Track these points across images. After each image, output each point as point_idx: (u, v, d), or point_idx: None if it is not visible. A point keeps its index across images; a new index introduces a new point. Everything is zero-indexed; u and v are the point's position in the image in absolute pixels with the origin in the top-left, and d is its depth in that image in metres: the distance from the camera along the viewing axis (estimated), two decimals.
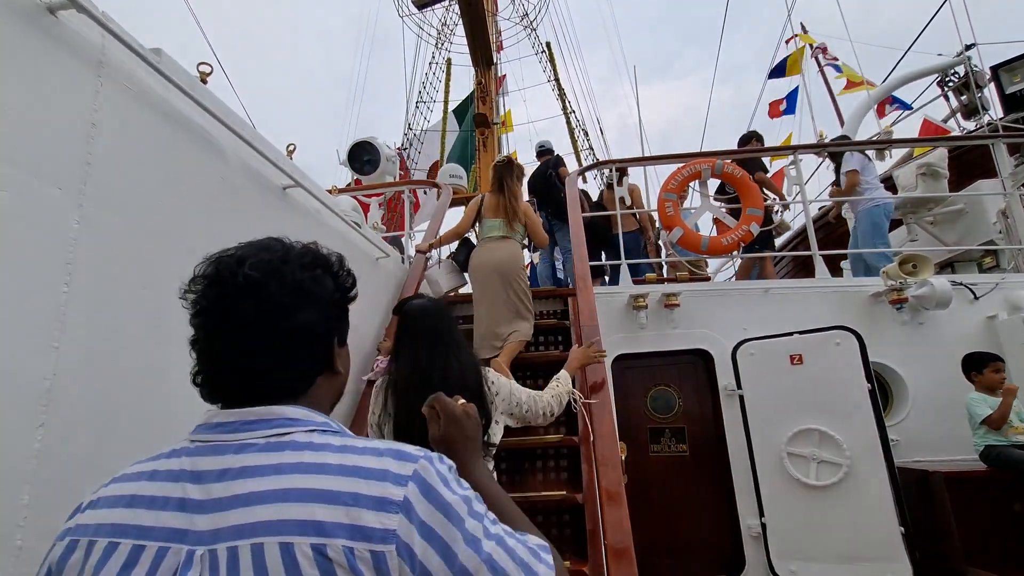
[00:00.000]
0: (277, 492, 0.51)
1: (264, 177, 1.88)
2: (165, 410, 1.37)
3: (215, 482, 0.54)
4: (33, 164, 1.08)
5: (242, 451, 0.56)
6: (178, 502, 0.54)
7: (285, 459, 0.54)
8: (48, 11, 1.15)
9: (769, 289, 3.82)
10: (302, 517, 0.49)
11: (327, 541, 0.48)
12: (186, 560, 0.51)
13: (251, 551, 0.49)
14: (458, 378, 1.43)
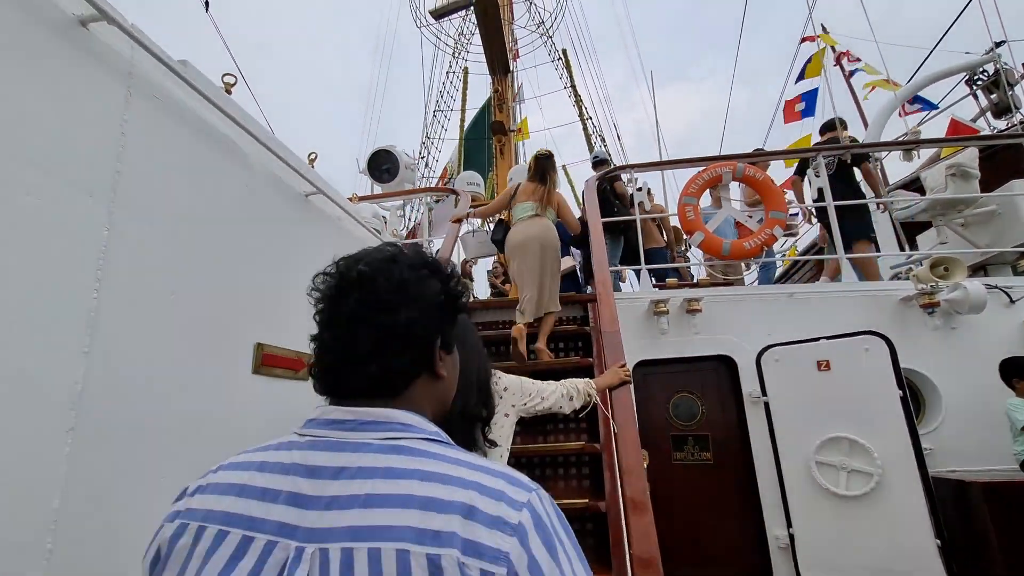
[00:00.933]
0: (397, 497, 0.51)
1: (286, 185, 1.90)
2: (193, 414, 1.39)
3: (331, 479, 0.53)
4: (65, 172, 1.10)
5: (359, 450, 0.55)
6: (289, 496, 0.54)
7: (401, 464, 0.54)
8: (80, 23, 1.18)
9: (794, 293, 3.73)
10: (420, 525, 0.49)
11: (442, 552, 0.47)
12: (295, 556, 0.50)
13: (368, 555, 0.48)
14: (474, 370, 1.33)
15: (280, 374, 1.75)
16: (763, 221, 3.82)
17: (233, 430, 1.53)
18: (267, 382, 1.69)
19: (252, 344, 1.64)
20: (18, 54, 1.04)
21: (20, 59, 1.04)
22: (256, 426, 1.64)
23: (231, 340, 1.56)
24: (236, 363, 1.58)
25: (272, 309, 1.76)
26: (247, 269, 1.65)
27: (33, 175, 1.04)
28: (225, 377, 1.52)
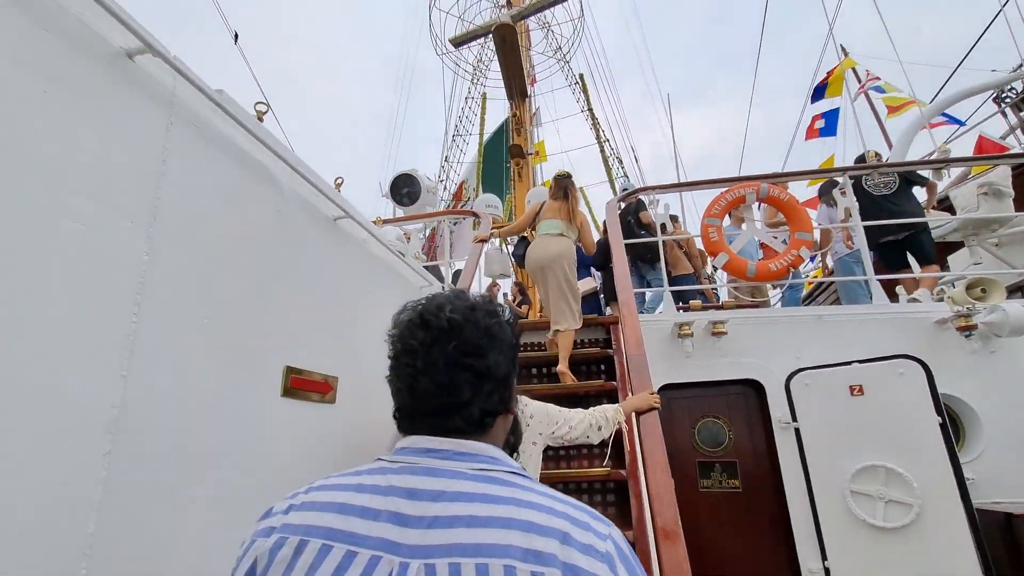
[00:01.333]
0: (499, 519, 0.55)
1: (316, 209, 1.93)
2: (223, 437, 1.39)
3: (431, 501, 0.58)
4: (108, 199, 1.13)
5: (455, 477, 0.60)
6: (390, 515, 0.58)
7: (497, 491, 0.59)
8: (127, 56, 1.22)
9: (822, 315, 3.65)
10: (525, 545, 0.53)
11: (545, 570, 0.52)
12: (400, 570, 0.54)
13: (475, 569, 0.52)
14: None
15: (308, 397, 1.75)
16: (788, 242, 3.76)
17: (261, 453, 1.53)
18: (295, 405, 1.69)
19: (282, 367, 1.64)
20: (68, 85, 1.08)
21: (70, 90, 1.08)
22: (285, 450, 1.63)
23: (261, 363, 1.57)
24: (266, 386, 1.58)
25: (301, 332, 1.77)
26: (277, 292, 1.67)
27: (78, 202, 1.06)
28: (255, 400, 1.53)
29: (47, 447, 0.96)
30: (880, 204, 3.88)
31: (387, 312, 2.33)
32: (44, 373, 0.97)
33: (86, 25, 1.13)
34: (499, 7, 13.36)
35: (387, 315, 2.33)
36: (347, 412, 1.99)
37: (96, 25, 1.15)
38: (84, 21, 1.12)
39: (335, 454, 1.92)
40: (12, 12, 0.98)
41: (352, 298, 2.15)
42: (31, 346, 0.95)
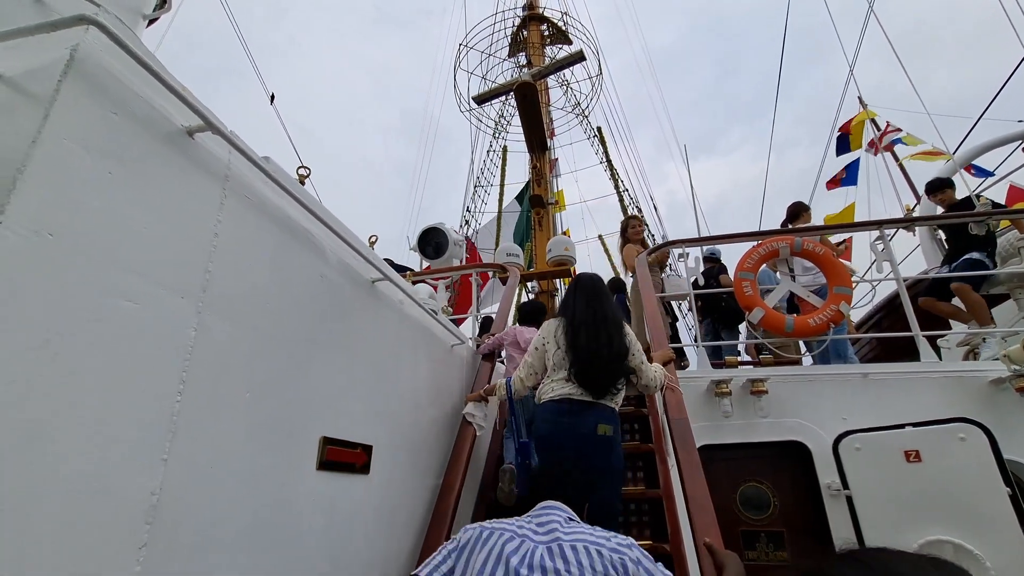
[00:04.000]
0: (580, 533, 1.21)
1: (356, 272, 1.92)
2: (258, 517, 1.32)
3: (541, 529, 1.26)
4: (162, 276, 1.12)
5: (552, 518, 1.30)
6: (528, 530, 1.25)
7: (571, 527, 1.26)
8: (187, 134, 1.24)
9: (868, 374, 3.47)
10: (594, 539, 1.18)
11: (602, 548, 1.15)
12: (534, 547, 1.17)
13: (571, 547, 1.15)
14: (613, 317, 2.37)
15: (343, 468, 1.68)
16: (827, 296, 3.65)
17: (293, 532, 1.45)
18: (330, 479, 1.62)
19: (317, 439, 1.58)
20: (132, 166, 1.09)
21: (132, 170, 1.09)
22: (316, 527, 1.55)
23: (298, 435, 1.52)
24: (302, 460, 1.52)
25: (337, 400, 1.72)
26: (316, 360, 1.63)
27: (133, 280, 1.05)
28: (290, 475, 1.46)
29: (83, 540, 0.91)
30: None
31: (419, 373, 2.28)
32: (86, 460, 0.92)
33: (152, 106, 1.15)
34: (520, 67, 13.96)
35: (419, 376, 2.28)
36: (380, 483, 1.91)
37: (160, 105, 1.18)
38: (151, 103, 1.15)
39: (367, 529, 1.82)
40: (90, 101, 1.00)
41: (387, 361, 2.11)
42: (75, 431, 0.91)
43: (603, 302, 2.41)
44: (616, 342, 2.27)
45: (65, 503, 0.88)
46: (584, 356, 2.23)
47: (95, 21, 0.99)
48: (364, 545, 1.78)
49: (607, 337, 2.27)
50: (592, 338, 2.26)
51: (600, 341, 2.25)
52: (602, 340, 2.26)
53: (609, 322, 2.33)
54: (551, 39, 14.96)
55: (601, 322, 2.31)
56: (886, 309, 5.89)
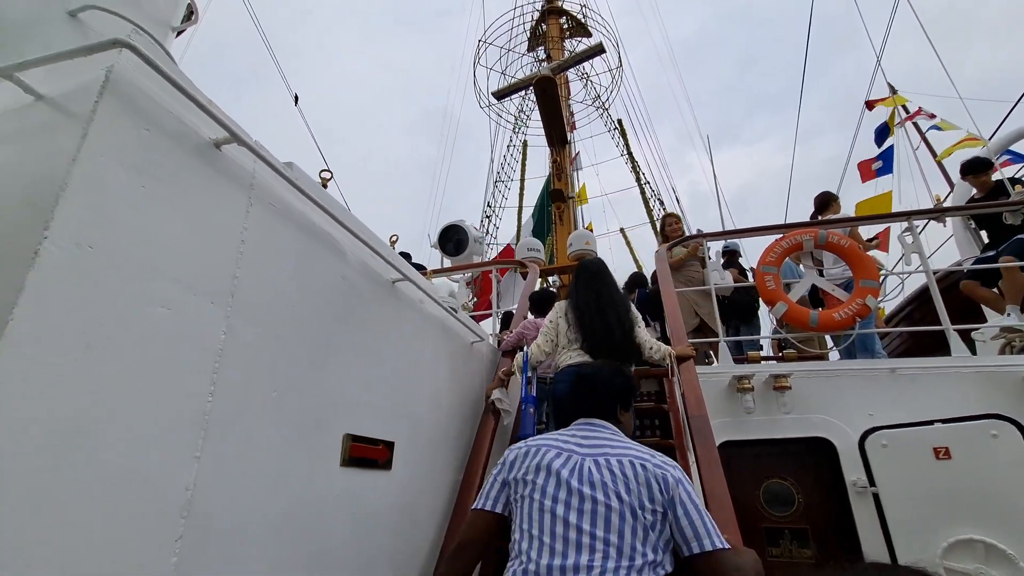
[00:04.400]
0: (625, 447, 1.36)
1: (376, 273, 1.97)
2: (286, 512, 1.38)
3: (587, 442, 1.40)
4: (193, 282, 1.18)
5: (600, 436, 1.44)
6: (573, 443, 1.40)
7: (618, 440, 1.42)
8: (214, 146, 1.30)
9: (896, 369, 3.40)
10: (639, 455, 1.33)
11: (646, 460, 1.30)
12: (582, 459, 1.33)
13: (618, 461, 1.30)
14: (620, 300, 2.65)
15: (366, 465, 1.74)
16: (853, 290, 3.57)
17: (318, 528, 1.51)
18: (354, 475, 1.68)
19: (341, 435, 1.64)
20: (163, 179, 1.15)
21: (164, 183, 1.15)
22: (340, 522, 1.61)
23: (323, 432, 1.58)
24: (327, 456, 1.58)
25: (359, 399, 1.78)
26: (339, 359, 1.69)
27: (166, 288, 1.11)
28: (316, 472, 1.52)
29: (123, 532, 0.97)
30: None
31: (440, 370, 2.33)
32: (126, 456, 0.99)
33: (182, 121, 1.21)
34: (539, 61, 13.90)
35: (439, 373, 2.32)
36: (402, 478, 1.96)
37: (189, 120, 1.24)
38: (180, 118, 1.21)
39: (390, 523, 1.88)
40: (124, 119, 1.06)
41: (407, 358, 2.16)
42: (115, 429, 0.98)
43: (604, 284, 2.68)
44: (625, 322, 2.55)
45: (107, 496, 0.95)
46: (596, 336, 2.51)
47: (128, 44, 1.05)
48: (388, 539, 1.84)
49: (616, 318, 2.54)
50: (600, 320, 2.52)
51: (609, 322, 2.53)
52: (611, 321, 2.53)
53: (616, 304, 2.61)
54: (570, 32, 14.84)
55: (608, 305, 2.59)
56: (917, 302, 5.71)
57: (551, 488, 1.27)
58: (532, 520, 1.25)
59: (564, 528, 1.21)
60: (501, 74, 13.71)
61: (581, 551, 1.17)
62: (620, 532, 1.18)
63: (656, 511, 1.21)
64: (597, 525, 1.19)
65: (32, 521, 0.83)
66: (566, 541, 1.19)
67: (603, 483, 1.24)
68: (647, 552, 1.17)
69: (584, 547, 1.17)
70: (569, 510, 1.23)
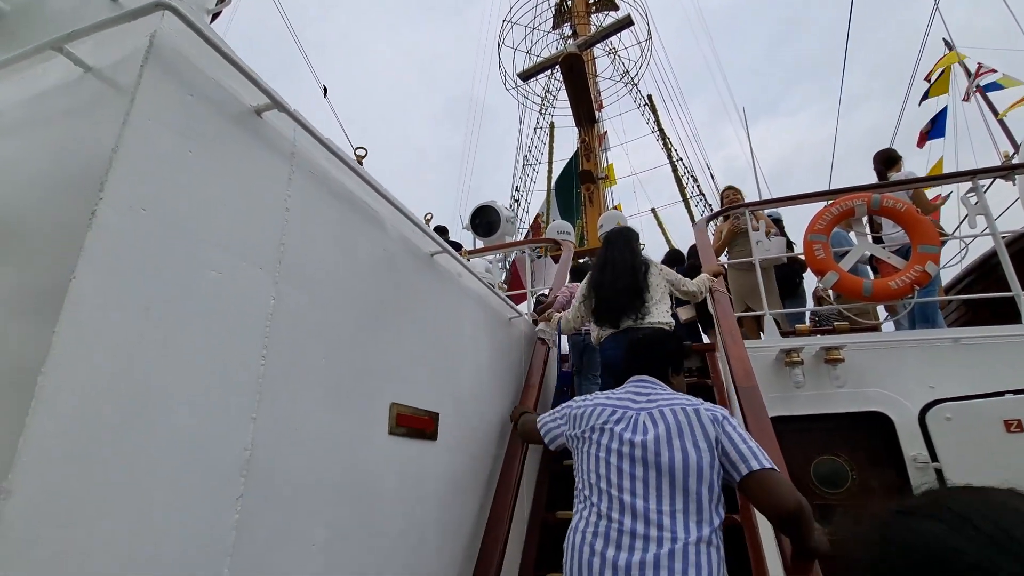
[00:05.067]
0: (675, 397, 1.48)
1: (415, 246, 1.96)
2: (338, 478, 1.39)
3: (640, 399, 1.52)
4: (241, 248, 1.19)
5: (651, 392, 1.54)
6: (628, 400, 1.52)
7: (669, 393, 1.53)
8: (255, 113, 1.30)
9: (960, 339, 3.20)
10: (684, 401, 1.46)
11: (699, 407, 1.42)
12: (635, 415, 1.44)
13: (671, 409, 1.42)
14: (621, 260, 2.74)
15: (412, 435, 1.74)
16: (911, 256, 3.37)
17: (369, 494, 1.52)
18: (401, 443, 1.69)
19: (388, 404, 1.65)
20: (207, 144, 1.15)
21: (208, 149, 1.15)
22: (390, 489, 1.62)
23: (371, 400, 1.58)
24: (375, 424, 1.59)
25: (404, 368, 1.78)
26: (384, 328, 1.69)
27: (216, 253, 1.12)
28: (366, 439, 1.54)
29: (187, 490, 0.99)
30: None
31: (480, 344, 2.31)
32: (188, 418, 1.01)
33: (222, 87, 1.21)
34: (565, 38, 13.62)
35: (480, 347, 2.30)
36: (447, 449, 1.97)
37: (230, 87, 1.24)
38: (221, 83, 1.21)
39: (438, 492, 1.89)
40: (168, 85, 1.07)
41: (448, 332, 2.15)
42: (177, 392, 0.99)
43: (616, 248, 2.83)
44: (624, 278, 2.68)
45: (172, 456, 0.97)
46: (603, 301, 2.70)
47: (169, 5, 1.04)
48: (435, 508, 1.85)
49: (612, 277, 2.70)
50: (610, 285, 2.68)
51: (604, 277, 2.72)
52: (606, 277, 2.72)
53: (616, 264, 2.75)
54: (596, 6, 14.44)
55: (608, 265, 2.76)
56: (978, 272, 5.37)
57: (610, 442, 1.41)
58: (596, 472, 1.39)
59: (623, 478, 1.33)
60: (527, 53, 13.50)
61: (648, 497, 1.29)
62: (677, 475, 1.29)
63: (710, 447, 1.32)
64: (656, 472, 1.31)
65: (104, 480, 0.85)
66: (631, 490, 1.31)
67: (656, 435, 1.36)
68: (702, 490, 1.29)
69: (649, 493, 1.29)
70: (627, 460, 1.35)
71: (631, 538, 1.25)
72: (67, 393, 0.82)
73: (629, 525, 1.26)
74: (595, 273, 2.81)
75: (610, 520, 1.29)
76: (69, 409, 0.82)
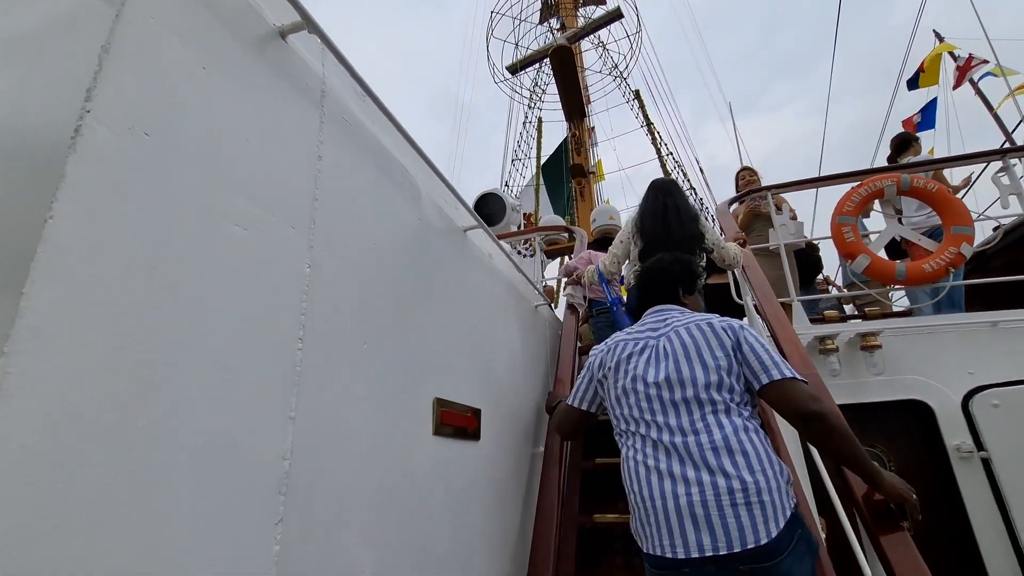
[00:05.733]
0: (692, 316, 1.52)
1: (449, 218, 1.71)
2: (381, 483, 1.14)
3: (658, 328, 1.52)
4: (269, 201, 0.93)
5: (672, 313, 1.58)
6: (647, 331, 1.54)
7: (686, 314, 1.55)
8: (280, 35, 1.04)
9: (998, 322, 3.07)
10: (700, 318, 1.49)
11: (714, 321, 1.46)
12: (656, 341, 1.48)
13: (685, 327, 1.46)
14: (685, 208, 2.68)
15: (456, 434, 1.49)
16: (944, 238, 3.23)
17: (417, 506, 1.27)
18: (445, 444, 1.43)
19: (431, 399, 1.39)
20: (222, 66, 0.89)
21: (224, 72, 0.89)
22: (438, 498, 1.37)
23: (414, 396, 1.33)
24: (418, 421, 1.33)
25: (445, 359, 1.53)
26: (422, 312, 1.44)
27: (240, 202, 0.86)
28: (410, 439, 1.28)
29: (209, 515, 0.72)
30: None
31: (512, 334, 2.04)
32: (209, 415, 0.74)
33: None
34: (554, 31, 13.41)
35: (512, 337, 2.04)
36: (491, 450, 1.72)
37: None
38: None
39: (482, 498, 1.64)
40: None
41: (483, 318, 1.90)
42: (197, 379, 0.73)
43: (671, 196, 2.69)
44: (687, 225, 2.57)
45: (189, 472, 0.70)
46: (656, 237, 2.53)
47: None
48: (480, 516, 1.60)
49: (678, 222, 2.56)
50: (663, 223, 2.55)
51: (669, 227, 2.54)
52: (672, 224, 2.55)
53: (680, 211, 2.62)
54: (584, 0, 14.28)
55: (672, 211, 2.60)
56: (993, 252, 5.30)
57: (636, 373, 1.43)
58: (628, 404, 1.41)
59: (653, 402, 1.36)
60: (515, 46, 13.26)
61: (679, 415, 1.32)
62: (700, 389, 1.32)
63: (727, 354, 1.36)
64: (682, 389, 1.34)
65: (90, 502, 0.58)
66: (662, 411, 1.34)
67: (676, 357, 1.39)
68: (725, 395, 1.32)
69: (680, 411, 1.32)
70: (653, 387, 1.37)
71: (677, 446, 1.29)
72: (38, 382, 0.55)
73: (668, 439, 1.30)
74: (642, 219, 2.66)
75: (656, 442, 1.31)
76: (41, 405, 0.55)
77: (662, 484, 1.24)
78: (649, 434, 1.32)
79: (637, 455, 1.33)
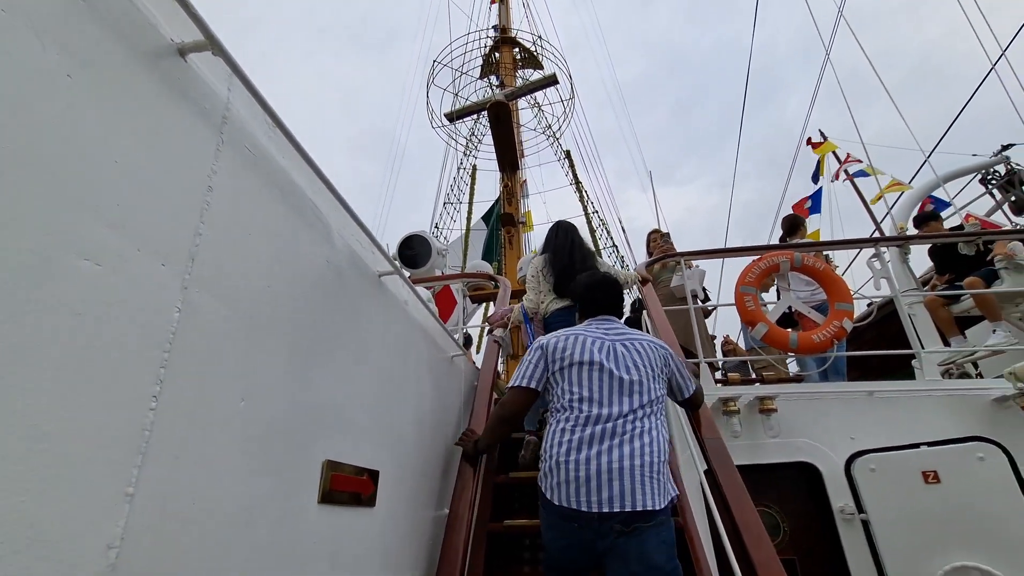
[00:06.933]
0: (636, 334, 1.87)
1: (362, 262, 1.61)
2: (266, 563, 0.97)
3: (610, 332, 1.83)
4: (139, 232, 0.80)
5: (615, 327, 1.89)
6: (599, 332, 1.82)
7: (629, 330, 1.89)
8: (179, 53, 0.94)
9: (874, 392, 3.37)
10: (648, 339, 1.83)
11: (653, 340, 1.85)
12: (611, 343, 1.77)
13: (639, 343, 1.79)
14: (586, 246, 3.20)
15: (348, 501, 1.34)
16: (830, 312, 3.56)
17: None
18: (334, 512, 1.28)
19: (320, 462, 1.25)
20: (101, 77, 0.78)
21: (102, 83, 0.78)
22: (321, 569, 1.21)
23: (300, 459, 1.18)
24: (303, 488, 1.18)
25: (343, 415, 1.39)
26: (321, 363, 1.31)
27: (96, 231, 0.73)
28: (292, 509, 1.12)
29: None
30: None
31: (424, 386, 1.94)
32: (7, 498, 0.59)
33: (132, 4, 0.85)
34: (493, 87, 13.96)
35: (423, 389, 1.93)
36: (386, 517, 1.57)
37: (144, 7, 0.87)
38: None
39: (376, 569, 1.47)
40: None
41: (392, 370, 1.78)
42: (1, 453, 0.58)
43: (576, 235, 3.18)
44: (587, 260, 3.02)
45: None
46: (560, 270, 2.94)
47: None
48: None
49: (581, 256, 3.04)
50: (569, 259, 2.96)
51: (574, 259, 2.97)
52: (576, 257, 3.00)
53: (583, 246, 3.12)
54: (523, 63, 15.07)
55: (577, 248, 3.06)
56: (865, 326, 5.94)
57: (593, 359, 1.69)
58: (580, 383, 1.66)
59: (603, 391, 1.63)
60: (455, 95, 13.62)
61: (623, 401, 1.62)
62: (636, 389, 1.65)
63: (664, 371, 1.78)
64: (630, 387, 1.64)
65: None
66: (612, 396, 1.62)
67: (627, 361, 1.70)
68: (653, 398, 1.67)
69: (623, 400, 1.62)
70: (607, 377, 1.65)
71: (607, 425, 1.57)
72: None
73: (606, 415, 1.58)
74: (553, 254, 3.08)
75: (595, 419, 1.58)
76: None
77: (589, 450, 1.52)
78: (591, 411, 1.59)
79: (575, 427, 1.59)
